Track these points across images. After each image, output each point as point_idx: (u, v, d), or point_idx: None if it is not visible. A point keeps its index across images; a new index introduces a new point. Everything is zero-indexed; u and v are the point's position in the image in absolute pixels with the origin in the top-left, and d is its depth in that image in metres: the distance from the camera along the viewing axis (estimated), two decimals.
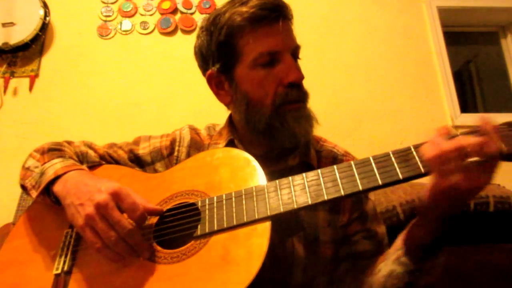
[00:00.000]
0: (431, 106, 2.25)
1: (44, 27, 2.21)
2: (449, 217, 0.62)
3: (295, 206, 0.65)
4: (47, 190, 0.80)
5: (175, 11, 2.36)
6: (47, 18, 2.22)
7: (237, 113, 0.88)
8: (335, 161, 0.90)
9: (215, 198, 0.72)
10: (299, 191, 0.66)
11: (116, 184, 0.72)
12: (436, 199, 0.60)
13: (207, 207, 0.71)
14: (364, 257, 0.83)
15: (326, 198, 0.64)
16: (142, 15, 2.35)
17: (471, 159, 0.55)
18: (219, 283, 0.61)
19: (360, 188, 0.62)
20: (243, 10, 0.81)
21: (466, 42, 2.70)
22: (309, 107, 0.85)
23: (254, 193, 0.69)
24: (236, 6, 0.82)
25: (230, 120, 0.95)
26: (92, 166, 0.91)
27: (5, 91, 2.15)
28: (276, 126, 0.81)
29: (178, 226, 0.72)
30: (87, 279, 0.72)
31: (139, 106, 2.17)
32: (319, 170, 0.68)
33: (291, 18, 0.86)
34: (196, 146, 0.94)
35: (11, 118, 2.12)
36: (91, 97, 2.17)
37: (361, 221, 0.86)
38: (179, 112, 2.16)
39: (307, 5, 2.40)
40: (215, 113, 1.11)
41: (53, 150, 0.88)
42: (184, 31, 2.33)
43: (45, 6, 2.23)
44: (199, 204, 0.73)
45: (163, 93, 2.20)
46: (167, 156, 0.94)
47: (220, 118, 1.00)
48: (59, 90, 2.18)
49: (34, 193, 0.81)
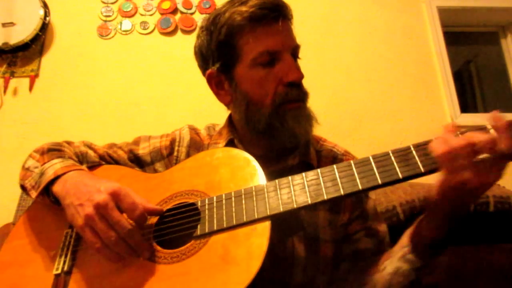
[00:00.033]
0: (431, 106, 2.25)
1: (44, 27, 2.21)
2: (458, 214, 0.62)
3: (295, 206, 0.65)
4: (47, 190, 0.80)
5: (175, 11, 2.36)
6: (47, 18, 2.22)
7: (237, 112, 0.88)
8: (335, 160, 0.90)
9: (215, 198, 0.72)
10: (299, 190, 0.66)
11: (115, 184, 0.72)
12: (445, 195, 0.59)
13: (206, 207, 0.71)
14: (366, 255, 0.83)
15: (325, 197, 0.64)
16: (142, 15, 2.34)
17: (482, 156, 0.55)
18: (219, 283, 0.61)
19: (360, 188, 0.62)
20: (243, 10, 0.81)
21: (466, 42, 2.69)
22: (309, 107, 0.85)
23: (254, 193, 0.69)
24: (236, 5, 0.82)
25: (230, 120, 0.95)
26: (92, 166, 0.91)
27: (5, 91, 2.15)
28: (276, 125, 0.81)
29: (178, 226, 0.72)
30: (87, 279, 0.72)
31: (139, 106, 2.16)
32: (318, 170, 0.68)
33: (291, 18, 0.86)
34: (195, 146, 0.94)
35: (11, 118, 2.11)
36: (91, 97, 2.17)
37: (362, 220, 0.86)
38: (179, 112, 2.16)
39: (307, 5, 2.40)
40: (215, 113, 1.11)
41: (53, 151, 0.88)
42: (184, 31, 2.33)
43: (45, 6, 2.23)
44: (199, 204, 0.73)
45: (163, 93, 2.20)
46: (167, 156, 0.94)
47: (220, 118, 1.00)
48: (59, 90, 2.18)
49: (34, 194, 0.81)
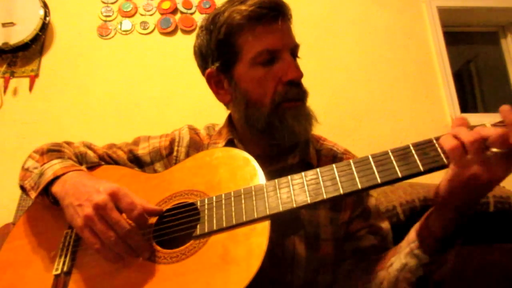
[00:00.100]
0: (431, 106, 2.25)
1: (44, 27, 2.21)
2: (467, 209, 0.61)
3: (294, 205, 0.65)
4: (46, 191, 0.80)
5: (175, 11, 2.36)
6: (47, 18, 2.22)
7: (236, 112, 0.88)
8: (335, 159, 0.90)
9: (214, 197, 0.72)
10: (298, 190, 0.66)
11: (114, 184, 0.72)
12: (454, 190, 0.58)
13: (206, 206, 0.71)
14: (371, 252, 0.82)
15: (325, 197, 0.64)
16: (142, 15, 2.35)
17: (493, 150, 0.54)
18: (219, 283, 0.61)
19: (359, 187, 0.62)
20: (242, 9, 0.81)
21: (466, 42, 2.70)
22: (309, 106, 0.85)
23: (253, 193, 0.69)
24: (235, 4, 0.82)
25: (229, 119, 0.95)
26: (91, 167, 0.91)
27: (5, 91, 2.15)
28: (275, 124, 0.80)
29: (177, 226, 0.72)
30: (87, 279, 0.72)
31: (139, 106, 2.17)
32: (318, 169, 0.67)
33: (290, 17, 0.85)
34: (195, 146, 0.94)
35: (11, 118, 2.11)
36: (91, 97, 2.17)
37: (364, 218, 0.86)
38: (179, 112, 2.16)
39: (307, 5, 2.40)
40: (215, 113, 1.12)
41: (52, 151, 0.88)
42: (184, 31, 2.33)
43: (45, 6, 2.23)
44: (199, 204, 0.73)
45: (163, 93, 2.20)
46: (166, 156, 0.94)
47: (220, 118, 1.00)
48: (59, 90, 2.18)
49: (33, 194, 0.81)
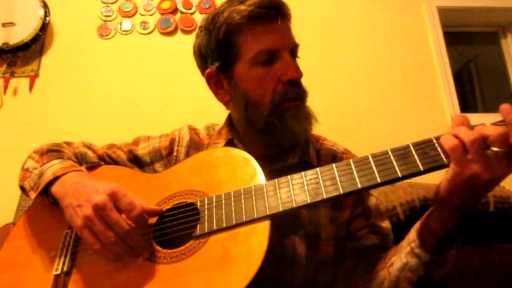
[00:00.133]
0: (431, 106, 2.25)
1: (44, 27, 2.21)
2: (467, 208, 0.61)
3: (294, 205, 0.65)
4: (46, 191, 0.80)
5: (175, 11, 2.36)
6: (47, 18, 2.22)
7: (236, 112, 0.88)
8: (335, 159, 0.90)
9: (214, 197, 0.72)
10: (298, 190, 0.66)
11: (114, 185, 0.72)
12: (454, 190, 0.58)
13: (206, 206, 0.71)
14: (371, 252, 0.82)
15: (325, 196, 0.64)
16: (142, 15, 2.35)
17: (494, 149, 0.54)
18: (219, 283, 0.61)
19: (359, 187, 0.62)
20: (242, 9, 0.81)
21: (466, 42, 2.70)
22: (308, 106, 0.85)
23: (253, 193, 0.69)
24: (234, 4, 0.82)
25: (229, 119, 0.94)
26: (91, 167, 0.91)
27: (5, 91, 2.15)
28: (275, 124, 0.80)
29: (177, 226, 0.72)
30: (87, 279, 0.72)
31: (139, 106, 2.17)
32: (318, 169, 0.67)
33: (289, 17, 0.85)
34: (195, 146, 0.94)
35: (11, 118, 2.12)
36: (91, 97, 2.17)
37: (365, 217, 0.86)
38: (179, 112, 2.16)
39: (307, 5, 2.40)
40: (214, 113, 1.12)
41: (52, 151, 0.88)
42: (184, 31, 2.33)
43: (45, 6, 2.23)
44: (198, 204, 0.73)
45: (163, 93, 2.20)
46: (166, 156, 0.94)
47: (219, 118, 1.00)
48: (59, 90, 2.18)
49: (33, 194, 0.81)
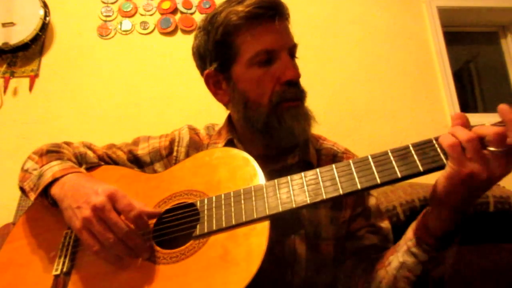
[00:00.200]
0: (431, 106, 2.25)
1: (44, 27, 2.21)
2: (464, 207, 0.60)
3: (294, 206, 0.65)
4: (45, 192, 0.80)
5: (175, 11, 2.36)
6: (47, 18, 2.22)
7: (235, 112, 0.88)
8: (335, 158, 0.90)
9: (214, 198, 0.72)
10: (298, 190, 0.66)
11: (112, 186, 0.72)
12: (452, 188, 0.58)
13: (206, 207, 0.71)
14: (371, 252, 0.82)
15: (324, 197, 0.64)
16: (142, 15, 2.34)
17: (491, 149, 0.54)
18: (219, 283, 0.61)
19: (359, 187, 0.62)
20: (239, 9, 0.81)
21: (466, 42, 2.70)
22: (307, 106, 0.85)
23: (253, 193, 0.69)
24: (232, 5, 0.82)
25: (229, 119, 0.95)
26: (91, 167, 0.91)
27: (5, 91, 2.15)
28: (274, 124, 0.81)
29: (177, 226, 0.72)
30: (86, 280, 0.72)
31: (139, 106, 2.16)
32: (317, 169, 0.67)
33: (287, 17, 0.85)
34: (195, 146, 0.94)
35: (11, 118, 2.11)
36: (91, 97, 2.17)
37: (365, 217, 0.86)
38: (179, 112, 2.16)
39: (307, 5, 2.40)
40: (214, 113, 1.11)
41: (52, 152, 0.88)
42: (184, 31, 2.33)
43: (45, 6, 2.23)
44: (198, 204, 0.73)
45: (163, 93, 2.20)
46: (166, 156, 0.94)
47: (219, 118, 1.00)
48: (59, 90, 2.18)
49: (32, 196, 0.81)
